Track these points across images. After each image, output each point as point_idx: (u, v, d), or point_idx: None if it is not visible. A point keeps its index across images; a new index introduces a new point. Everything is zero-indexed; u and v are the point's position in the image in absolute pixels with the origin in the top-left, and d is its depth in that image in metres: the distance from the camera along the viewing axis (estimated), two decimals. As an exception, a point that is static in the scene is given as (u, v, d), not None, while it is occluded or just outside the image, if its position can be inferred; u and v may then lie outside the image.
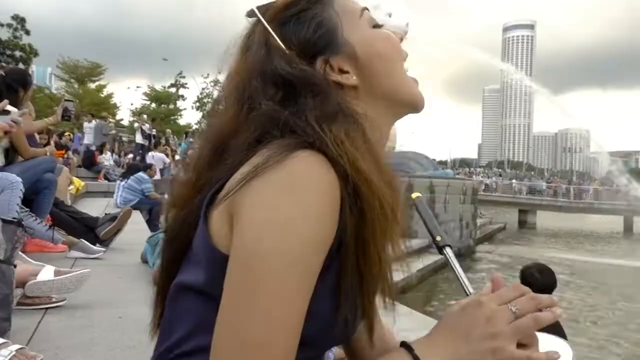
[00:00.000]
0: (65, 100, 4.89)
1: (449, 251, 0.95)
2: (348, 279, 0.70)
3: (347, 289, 0.70)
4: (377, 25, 0.85)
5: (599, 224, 33.50)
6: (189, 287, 0.74)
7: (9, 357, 1.61)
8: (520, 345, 0.70)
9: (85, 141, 16.57)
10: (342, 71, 0.80)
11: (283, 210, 0.64)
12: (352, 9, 0.84)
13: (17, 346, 1.66)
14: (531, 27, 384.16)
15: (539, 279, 3.61)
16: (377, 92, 0.82)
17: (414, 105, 0.86)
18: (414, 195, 1.05)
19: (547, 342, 0.83)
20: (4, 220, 1.92)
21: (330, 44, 0.80)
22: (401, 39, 0.87)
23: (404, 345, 0.73)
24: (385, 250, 0.72)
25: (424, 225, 1.03)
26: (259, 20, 0.82)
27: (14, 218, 2.04)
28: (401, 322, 0.93)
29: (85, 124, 17.32)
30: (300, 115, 0.71)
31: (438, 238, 0.97)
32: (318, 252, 0.66)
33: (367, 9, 0.86)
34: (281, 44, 0.78)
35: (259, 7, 0.82)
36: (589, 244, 24.83)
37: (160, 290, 0.85)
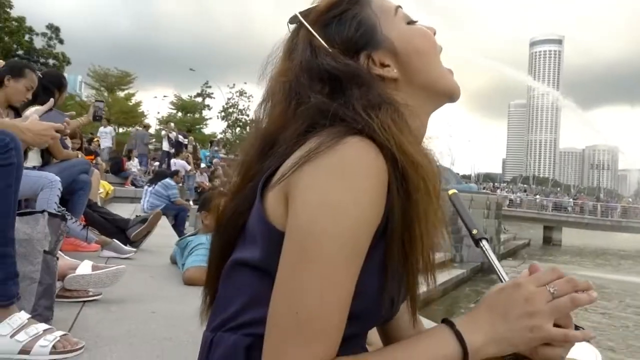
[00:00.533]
0: (96, 101, 5.04)
1: (485, 244, 0.99)
2: (394, 258, 0.74)
3: (393, 268, 0.74)
4: (411, 22, 0.91)
5: (626, 242, 32.77)
6: (244, 263, 0.79)
7: (53, 342, 1.69)
8: (556, 326, 0.73)
9: (102, 145, 16.95)
10: (383, 65, 0.86)
11: (335, 193, 0.68)
12: (388, 8, 0.90)
13: (61, 332, 1.74)
14: (559, 42, 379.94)
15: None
16: (416, 84, 0.88)
17: (451, 95, 0.91)
18: (451, 191, 1.09)
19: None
20: (50, 214, 2.02)
21: (371, 41, 0.86)
22: (434, 33, 0.93)
23: (446, 321, 0.76)
24: (429, 231, 0.76)
25: (461, 221, 1.07)
26: (300, 25, 0.88)
27: (58, 212, 2.13)
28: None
29: (101, 129, 17.69)
30: (348, 105, 0.77)
31: (474, 231, 1.01)
32: (367, 233, 0.70)
33: (401, 7, 0.92)
34: (324, 43, 0.84)
35: (300, 12, 0.88)
36: (615, 262, 24.30)
37: (211, 274, 0.90)
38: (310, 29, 0.86)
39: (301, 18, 0.87)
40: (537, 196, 41.96)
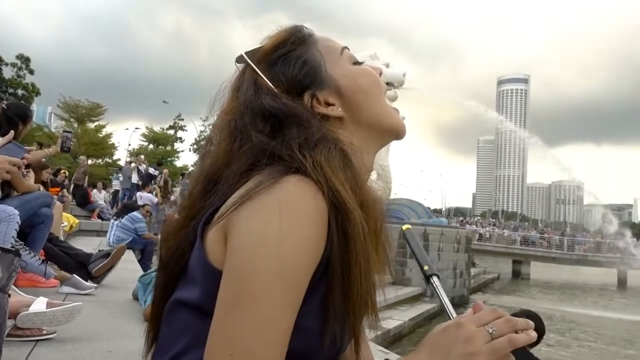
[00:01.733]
0: (64, 131, 4.98)
1: (435, 280, 0.99)
2: (335, 297, 0.73)
3: (334, 307, 0.74)
4: (357, 62, 0.93)
5: (592, 276, 33.39)
6: (185, 304, 0.78)
7: (-1, 385, 1.61)
8: None
9: None
10: (328, 104, 0.87)
11: (272, 231, 0.68)
12: (334, 48, 0.92)
13: (8, 374, 1.67)
14: (525, 81, 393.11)
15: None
16: (361, 122, 0.89)
17: (396, 132, 0.93)
18: (404, 227, 1.09)
19: None
20: (2, 249, 1.95)
21: (315, 80, 0.87)
22: (380, 73, 0.95)
23: None
24: (369, 270, 0.75)
25: (414, 258, 1.07)
26: (248, 65, 0.89)
27: (12, 246, 2.06)
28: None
29: None
30: (286, 144, 0.78)
31: (426, 267, 1.01)
32: (304, 272, 0.70)
33: (347, 48, 0.94)
34: (268, 82, 0.86)
35: (247, 52, 0.90)
36: (582, 296, 24.68)
37: (154, 312, 0.88)
38: (255, 67, 0.87)
39: (246, 57, 0.89)
40: (504, 230, 42.48)
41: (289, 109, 0.82)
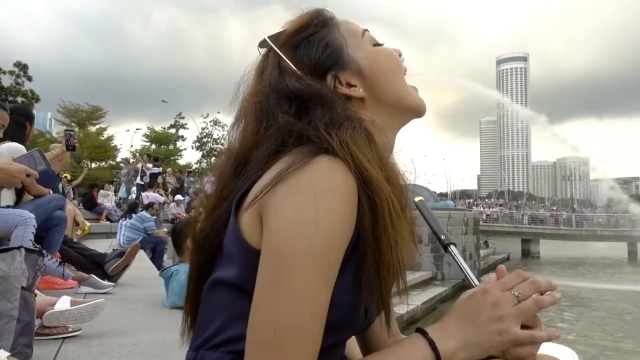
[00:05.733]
0: (66, 130, 5.00)
1: (453, 249, 1.02)
2: (367, 271, 0.76)
3: (366, 281, 0.77)
4: (377, 44, 0.97)
5: (602, 250, 33.35)
6: (222, 282, 0.81)
7: (34, 379, 1.67)
8: (524, 327, 0.78)
9: None
10: (350, 85, 0.91)
11: (307, 212, 0.71)
12: (355, 30, 0.95)
13: (42, 369, 1.72)
14: (524, 59, 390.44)
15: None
16: (382, 102, 0.92)
17: (417, 111, 0.96)
18: (417, 198, 1.13)
19: (550, 347, 0.89)
20: (26, 250, 2.01)
21: (338, 62, 0.91)
22: (400, 54, 0.98)
23: (419, 330, 0.80)
24: (398, 243, 0.78)
25: (428, 228, 1.10)
26: (271, 49, 0.92)
27: (35, 246, 2.11)
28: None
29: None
30: (312, 124, 0.80)
31: (442, 237, 1.04)
32: (339, 248, 0.73)
33: (368, 30, 0.97)
34: (291, 64, 0.89)
35: (270, 36, 0.93)
36: (593, 271, 24.68)
37: (191, 294, 0.92)
38: (278, 51, 0.90)
39: (269, 41, 0.92)
40: (514, 211, 42.35)
41: (313, 90, 0.85)
